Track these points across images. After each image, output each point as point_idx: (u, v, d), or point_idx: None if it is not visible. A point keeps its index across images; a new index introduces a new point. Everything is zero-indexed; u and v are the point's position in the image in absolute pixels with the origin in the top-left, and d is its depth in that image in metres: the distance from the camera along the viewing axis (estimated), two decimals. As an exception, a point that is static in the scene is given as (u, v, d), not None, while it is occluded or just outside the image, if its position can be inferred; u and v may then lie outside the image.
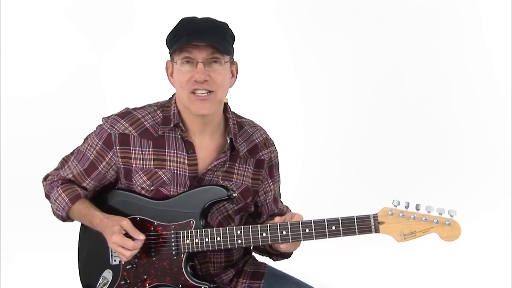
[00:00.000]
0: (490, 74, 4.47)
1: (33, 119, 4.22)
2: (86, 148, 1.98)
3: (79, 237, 2.07)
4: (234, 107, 2.02)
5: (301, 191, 3.65)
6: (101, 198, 2.01)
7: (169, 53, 1.88)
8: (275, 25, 4.40)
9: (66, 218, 2.01)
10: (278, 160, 2.09)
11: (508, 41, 4.38)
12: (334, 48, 4.43)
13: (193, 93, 1.82)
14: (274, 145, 2.08)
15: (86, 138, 2.02)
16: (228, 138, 1.94)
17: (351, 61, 4.45)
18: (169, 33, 1.87)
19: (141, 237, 1.80)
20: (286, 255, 2.01)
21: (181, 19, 1.88)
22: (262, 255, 2.09)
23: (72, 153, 2.06)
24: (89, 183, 1.97)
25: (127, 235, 1.81)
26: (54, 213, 2.05)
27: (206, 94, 1.81)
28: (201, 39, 1.78)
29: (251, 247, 2.09)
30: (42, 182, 2.10)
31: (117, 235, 1.79)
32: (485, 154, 4.39)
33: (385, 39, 4.42)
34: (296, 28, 4.45)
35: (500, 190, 4.22)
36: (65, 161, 2.07)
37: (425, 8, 4.42)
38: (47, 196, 2.08)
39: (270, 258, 2.06)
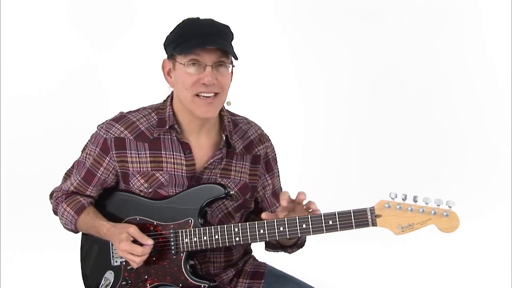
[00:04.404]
0: (490, 74, 4.49)
1: (33, 119, 4.25)
2: (85, 157, 1.99)
3: (81, 238, 2.08)
4: (234, 107, 2.03)
5: (302, 190, 3.65)
6: (101, 201, 2.02)
7: (171, 52, 1.86)
8: (275, 25, 4.44)
9: (76, 231, 2.04)
10: (275, 154, 2.10)
11: (508, 41, 4.40)
12: (334, 48, 4.46)
13: (197, 95, 1.82)
14: (269, 140, 2.08)
15: (84, 149, 2.04)
16: (223, 135, 1.95)
17: (352, 61, 4.49)
18: (172, 33, 1.87)
19: (149, 242, 1.81)
20: (300, 245, 1.99)
21: (185, 20, 1.87)
22: (277, 251, 2.07)
23: (72, 166, 2.09)
24: (92, 190, 1.99)
25: (135, 241, 1.81)
26: (65, 228, 2.06)
27: (212, 96, 1.83)
28: (214, 44, 1.78)
29: (265, 246, 2.09)
30: (49, 199, 2.12)
31: (125, 243, 1.79)
32: (485, 154, 4.40)
33: (385, 39, 4.45)
34: (296, 28, 4.48)
35: (500, 190, 4.22)
36: (67, 175, 2.10)
37: (425, 7, 4.44)
38: (55, 213, 2.10)
39: (286, 252, 2.04)
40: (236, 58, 1.84)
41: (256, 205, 2.07)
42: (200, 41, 1.78)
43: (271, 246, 2.06)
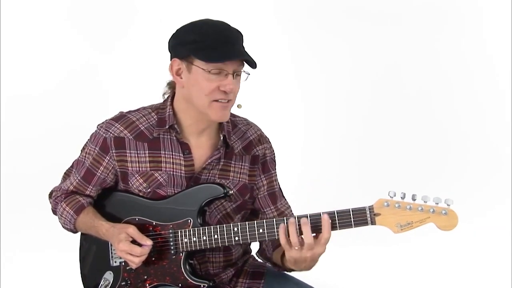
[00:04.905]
0: (490, 74, 4.49)
1: (33, 119, 4.25)
2: (84, 156, 1.99)
3: (80, 239, 2.08)
4: (233, 107, 2.03)
5: (302, 190, 3.67)
6: (100, 201, 2.02)
7: (187, 54, 1.81)
8: (275, 25, 4.44)
9: (75, 230, 2.04)
10: (274, 157, 2.08)
11: (508, 41, 4.40)
12: (334, 48, 4.46)
13: (216, 100, 1.82)
14: (269, 141, 2.08)
15: (83, 148, 2.04)
16: (221, 135, 1.95)
17: (352, 61, 4.49)
18: (187, 34, 1.82)
19: (148, 242, 1.81)
20: (288, 270, 1.98)
21: (201, 22, 1.83)
22: (266, 262, 2.08)
23: (72, 166, 2.09)
24: (92, 190, 1.99)
25: (134, 242, 1.82)
26: (63, 227, 2.07)
27: (227, 101, 1.84)
28: (243, 55, 1.79)
29: (257, 251, 2.09)
30: (48, 199, 2.12)
31: (124, 243, 1.80)
32: (485, 154, 4.39)
33: (385, 39, 4.45)
34: (296, 28, 4.48)
35: (500, 190, 4.22)
36: (66, 175, 2.10)
37: (425, 8, 4.45)
38: (54, 212, 2.10)
39: (273, 267, 2.04)
40: (255, 68, 1.82)
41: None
42: (232, 53, 1.78)
43: (264, 256, 2.05)
